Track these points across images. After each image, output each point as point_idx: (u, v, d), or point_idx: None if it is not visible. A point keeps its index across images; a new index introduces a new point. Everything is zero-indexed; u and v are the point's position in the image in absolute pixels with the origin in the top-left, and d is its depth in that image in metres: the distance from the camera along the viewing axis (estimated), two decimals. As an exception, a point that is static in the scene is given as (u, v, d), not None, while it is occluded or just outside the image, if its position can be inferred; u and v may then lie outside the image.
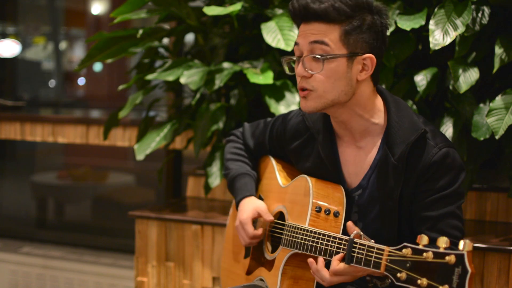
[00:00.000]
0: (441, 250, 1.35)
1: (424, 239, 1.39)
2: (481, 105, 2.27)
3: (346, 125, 1.79)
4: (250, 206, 1.98)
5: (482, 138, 2.20)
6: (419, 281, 1.36)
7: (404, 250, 1.42)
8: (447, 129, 2.29)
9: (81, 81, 5.89)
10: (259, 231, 1.94)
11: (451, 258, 1.32)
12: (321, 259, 1.67)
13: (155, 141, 2.75)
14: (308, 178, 1.82)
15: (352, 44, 1.70)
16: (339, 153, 1.85)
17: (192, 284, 2.71)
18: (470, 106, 2.29)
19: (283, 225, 1.87)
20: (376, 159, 1.78)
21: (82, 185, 4.77)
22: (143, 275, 2.80)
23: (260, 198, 2.09)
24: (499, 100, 2.15)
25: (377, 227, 1.79)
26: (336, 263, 1.62)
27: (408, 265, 1.40)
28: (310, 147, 1.90)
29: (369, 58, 1.72)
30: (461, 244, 1.33)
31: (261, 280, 1.93)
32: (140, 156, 2.70)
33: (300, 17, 1.74)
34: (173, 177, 3.69)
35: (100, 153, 4.78)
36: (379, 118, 1.78)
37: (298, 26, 1.78)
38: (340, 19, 1.68)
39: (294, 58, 1.76)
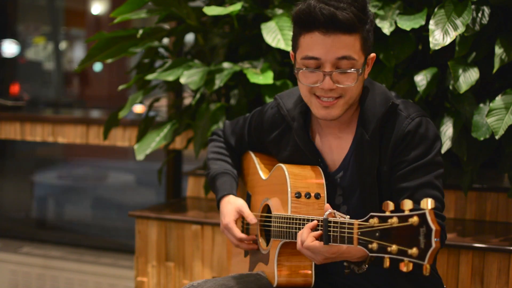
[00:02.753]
0: (405, 213, 1.33)
1: (390, 205, 1.38)
2: (481, 105, 2.27)
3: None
4: (230, 207, 1.97)
5: (482, 138, 2.20)
6: (389, 248, 1.35)
7: (371, 220, 1.41)
8: (447, 129, 2.29)
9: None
10: (250, 237, 1.93)
11: (414, 219, 1.30)
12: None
13: (155, 141, 2.75)
14: (284, 166, 1.82)
15: (367, 49, 1.71)
16: (319, 141, 1.85)
17: (192, 284, 2.71)
18: (470, 106, 2.29)
19: (271, 217, 1.87)
20: (354, 140, 1.79)
21: (82, 185, 4.77)
22: (143, 275, 2.80)
23: (248, 195, 2.09)
24: (499, 100, 2.15)
25: (360, 208, 1.78)
26: (311, 240, 1.60)
27: (377, 234, 1.39)
28: (287, 136, 1.90)
29: (372, 58, 1.76)
30: (423, 202, 1.31)
31: (262, 273, 1.93)
32: (140, 156, 2.70)
33: (321, 26, 1.65)
34: (173, 177, 3.69)
35: (100, 153, 4.78)
36: (357, 103, 1.80)
37: (305, 32, 1.69)
38: (360, 27, 1.67)
39: (309, 70, 1.69)
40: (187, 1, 2.85)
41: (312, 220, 1.64)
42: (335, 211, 1.59)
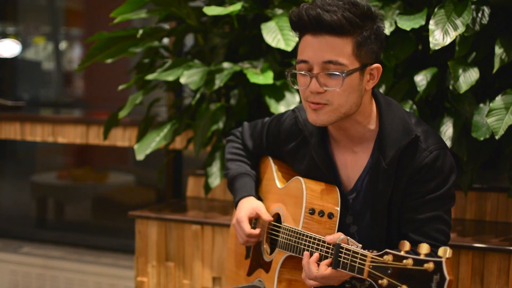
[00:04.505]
0: (421, 257, 1.35)
1: (406, 245, 1.40)
2: (481, 105, 2.27)
3: (345, 131, 1.78)
4: (248, 205, 1.97)
5: (482, 138, 2.20)
6: None
7: (385, 257, 1.42)
8: (447, 129, 2.29)
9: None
10: (257, 230, 1.93)
11: (429, 265, 1.32)
12: (316, 255, 1.66)
13: (155, 141, 2.75)
14: (302, 180, 1.82)
15: (363, 56, 1.67)
16: (335, 156, 1.84)
17: (192, 284, 2.71)
18: (470, 106, 2.29)
19: (280, 227, 1.87)
20: (369, 163, 1.78)
21: (82, 185, 4.76)
22: (143, 275, 2.80)
23: (259, 199, 2.09)
24: (499, 100, 2.15)
25: (370, 231, 1.79)
26: (324, 268, 1.62)
27: (389, 271, 1.40)
28: (304, 149, 1.89)
29: (376, 68, 1.71)
30: (441, 251, 1.32)
31: (260, 281, 1.93)
32: (140, 156, 2.70)
33: (310, 28, 1.65)
34: (173, 177, 3.69)
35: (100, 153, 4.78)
36: (374, 123, 1.78)
37: (300, 35, 1.70)
38: (353, 30, 1.63)
39: (303, 72, 1.68)
40: (187, 1, 2.85)
41: (324, 241, 1.65)
42: (348, 237, 1.59)
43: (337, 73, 1.64)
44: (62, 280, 3.94)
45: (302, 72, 1.68)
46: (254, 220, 2.02)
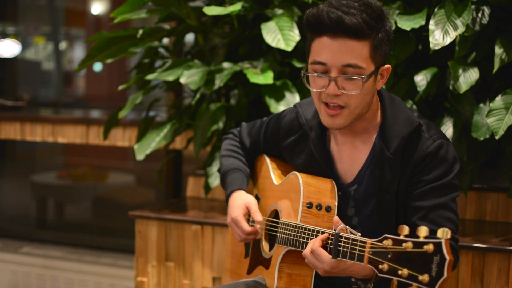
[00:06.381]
0: (421, 239, 1.36)
1: (405, 229, 1.40)
2: (481, 105, 2.27)
3: (350, 128, 1.79)
4: (239, 201, 1.97)
5: (482, 138, 2.20)
6: (400, 272, 1.37)
7: (385, 242, 1.43)
8: (447, 129, 2.29)
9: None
10: (255, 227, 1.93)
11: (429, 247, 1.33)
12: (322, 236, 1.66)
13: (155, 141, 2.75)
14: (299, 175, 1.83)
15: (378, 58, 1.69)
16: (335, 150, 1.86)
17: (192, 284, 2.71)
18: (470, 106, 2.29)
19: (278, 222, 1.87)
20: (371, 154, 1.79)
21: (82, 185, 4.77)
22: (143, 275, 2.80)
23: (257, 197, 2.09)
24: (499, 100, 2.15)
25: (374, 222, 1.80)
26: (319, 243, 1.62)
27: (389, 256, 1.41)
28: (303, 144, 1.91)
29: (387, 69, 1.74)
30: (440, 232, 1.33)
31: (261, 278, 1.94)
32: (140, 156, 2.70)
33: (329, 30, 1.64)
34: (173, 177, 3.69)
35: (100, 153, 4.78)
36: (377, 117, 1.80)
37: (315, 36, 1.69)
38: (370, 33, 1.64)
39: (321, 75, 1.68)
40: (187, 1, 2.85)
41: (323, 232, 1.66)
42: (347, 226, 1.59)
43: (357, 77, 1.65)
44: (62, 280, 3.94)
45: (321, 75, 1.68)
46: (252, 224, 2.02)
